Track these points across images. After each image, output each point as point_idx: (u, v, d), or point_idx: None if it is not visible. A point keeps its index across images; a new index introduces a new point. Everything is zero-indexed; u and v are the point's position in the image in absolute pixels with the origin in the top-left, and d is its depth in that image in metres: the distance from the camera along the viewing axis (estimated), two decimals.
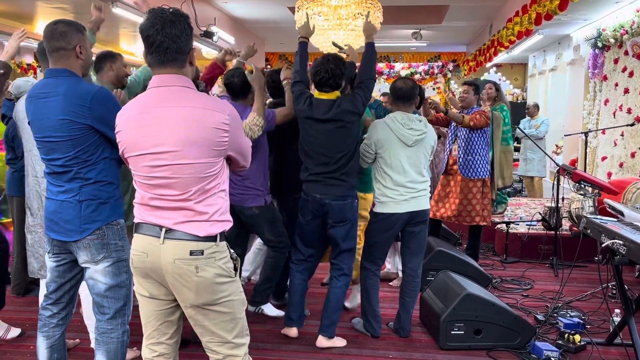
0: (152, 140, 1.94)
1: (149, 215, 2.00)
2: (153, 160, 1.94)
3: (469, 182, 4.91)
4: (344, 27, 7.68)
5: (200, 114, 1.93)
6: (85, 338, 3.37)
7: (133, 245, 2.05)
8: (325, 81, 3.35)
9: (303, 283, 3.61)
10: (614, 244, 3.08)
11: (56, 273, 2.47)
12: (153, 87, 2.00)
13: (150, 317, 2.11)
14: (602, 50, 8.26)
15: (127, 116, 2.00)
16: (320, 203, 3.38)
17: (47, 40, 2.34)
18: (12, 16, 9.13)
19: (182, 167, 1.93)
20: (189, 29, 1.98)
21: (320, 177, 3.38)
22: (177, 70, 1.98)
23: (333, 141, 3.34)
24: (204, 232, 1.96)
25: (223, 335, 2.06)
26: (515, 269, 5.34)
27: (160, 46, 1.94)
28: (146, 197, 2.00)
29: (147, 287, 2.06)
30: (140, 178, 2.01)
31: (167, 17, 1.93)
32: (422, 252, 3.69)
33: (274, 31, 11.94)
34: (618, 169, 7.65)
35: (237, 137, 2.04)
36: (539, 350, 3.33)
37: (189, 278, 1.96)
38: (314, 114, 3.34)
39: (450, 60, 15.20)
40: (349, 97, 3.39)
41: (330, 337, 3.51)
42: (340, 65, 3.37)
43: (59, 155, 2.32)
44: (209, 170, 1.96)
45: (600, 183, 4.73)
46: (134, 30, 10.18)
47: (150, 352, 2.14)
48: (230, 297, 2.04)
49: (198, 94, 2.00)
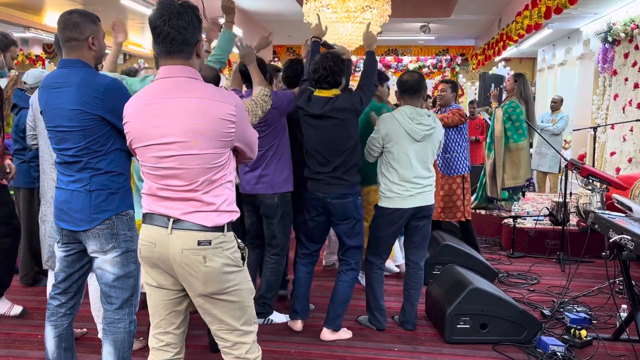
0: (159, 131, 1.95)
1: (157, 205, 2.02)
2: (160, 150, 1.95)
3: (448, 179, 5.03)
4: (352, 20, 7.66)
5: (207, 105, 1.94)
6: (93, 328, 3.40)
7: (141, 236, 2.07)
8: (324, 78, 3.35)
9: (307, 276, 3.63)
10: (622, 239, 3.07)
11: (65, 263, 2.48)
12: (160, 78, 2.01)
13: (158, 306, 2.12)
14: (612, 45, 8.19)
15: (135, 107, 2.01)
16: (323, 202, 3.40)
17: (60, 30, 2.35)
18: (22, 7, 9.17)
19: (189, 158, 1.94)
20: (196, 21, 1.99)
21: (321, 175, 3.39)
22: (183, 62, 1.99)
23: (330, 139, 3.34)
24: (211, 223, 1.98)
25: (231, 323, 2.08)
26: (521, 264, 5.33)
27: (166, 37, 1.95)
28: (154, 187, 2.01)
29: (155, 277, 2.08)
30: (147, 169, 2.02)
31: (175, 9, 1.94)
32: (425, 246, 3.70)
33: (281, 23, 11.91)
34: (627, 165, 7.60)
35: (244, 128, 2.06)
36: (545, 345, 3.33)
37: (197, 268, 1.97)
38: (310, 109, 3.36)
39: (459, 54, 15.12)
40: (346, 93, 3.39)
41: (335, 330, 3.52)
42: (339, 62, 3.37)
43: (70, 145, 2.33)
44: (215, 161, 1.97)
45: (608, 178, 4.70)
46: (141, 21, 10.19)
47: (157, 342, 2.16)
48: (238, 286, 2.06)
49: (205, 85, 2.01)
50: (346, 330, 3.58)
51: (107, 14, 4.95)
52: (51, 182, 3.20)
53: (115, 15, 3.24)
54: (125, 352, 2.48)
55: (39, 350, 3.27)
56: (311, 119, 3.37)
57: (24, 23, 9.51)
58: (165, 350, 2.15)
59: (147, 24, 1.98)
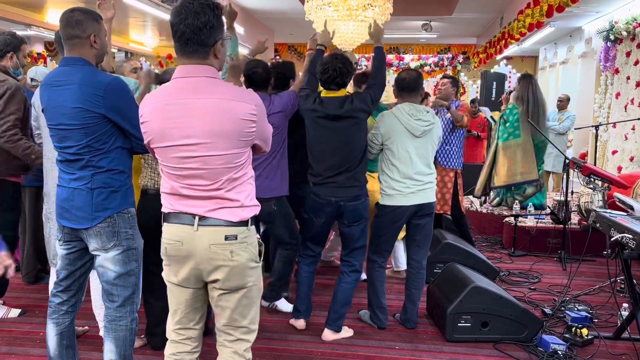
0: (181, 132, 1.95)
1: (180, 204, 2.03)
2: (183, 151, 1.96)
3: (442, 170, 5.03)
4: (353, 18, 7.64)
5: (228, 105, 1.94)
6: (94, 325, 3.41)
7: (165, 235, 2.08)
8: (333, 79, 3.34)
9: (310, 276, 3.65)
10: (623, 238, 3.07)
11: (67, 261, 2.49)
12: (178, 77, 2.00)
13: (180, 304, 2.15)
14: (614, 43, 8.18)
15: (154, 107, 2.00)
16: (336, 206, 3.37)
17: (62, 28, 2.35)
18: (23, 5, 9.17)
19: (213, 159, 1.95)
20: (215, 21, 1.95)
21: (334, 179, 3.35)
22: (200, 61, 1.98)
23: (347, 139, 3.32)
24: (237, 218, 2.00)
25: (240, 319, 2.10)
26: (523, 262, 5.33)
27: (182, 36, 1.94)
28: (176, 186, 2.02)
29: (180, 275, 2.09)
30: (169, 169, 2.02)
31: (193, 8, 1.92)
32: (427, 244, 3.70)
33: (283, 22, 11.91)
34: (628, 163, 7.59)
35: (263, 126, 2.07)
36: (546, 343, 3.33)
37: (224, 262, 2.00)
38: (327, 110, 3.32)
39: (460, 52, 15.11)
40: (360, 94, 3.40)
41: (336, 331, 3.52)
42: (347, 64, 3.37)
43: (71, 143, 2.33)
44: (237, 160, 1.99)
45: (610, 177, 4.70)
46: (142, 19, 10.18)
47: (177, 335, 2.19)
48: (255, 283, 2.09)
49: (224, 85, 2.01)
50: (347, 329, 3.59)
51: None
52: (55, 180, 3.20)
53: (116, 10, 3.26)
54: (126, 349, 2.49)
55: (40, 347, 3.28)
56: (326, 120, 3.33)
57: (26, 21, 9.51)
58: (185, 344, 2.19)
59: (148, 22, 1.98)
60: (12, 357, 3.21)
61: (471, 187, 7.62)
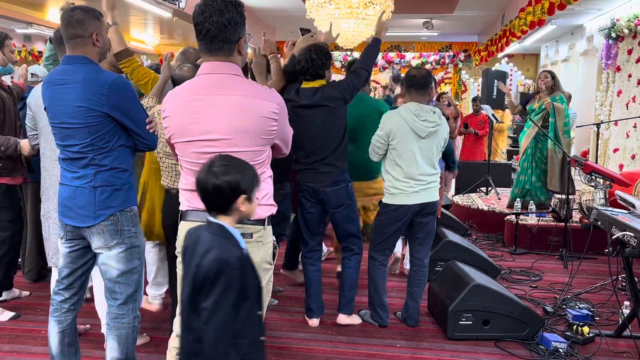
0: (202, 127, 1.96)
1: (197, 201, 2.01)
2: (203, 147, 1.97)
3: None
4: (354, 15, 7.65)
5: (251, 103, 1.95)
6: (96, 323, 3.41)
7: (181, 234, 2.08)
8: (306, 70, 3.48)
9: (317, 274, 3.68)
10: (625, 236, 3.07)
11: (69, 259, 2.49)
12: (203, 73, 2.01)
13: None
14: (615, 41, 8.16)
15: (178, 102, 2.01)
16: (316, 191, 3.47)
17: (64, 28, 2.34)
18: (24, 3, 9.16)
19: (232, 155, 1.94)
20: (238, 18, 1.98)
21: (313, 165, 3.46)
22: (225, 58, 2.00)
23: (322, 126, 3.42)
24: (255, 216, 1.99)
25: None
26: (524, 260, 5.33)
27: (207, 34, 1.96)
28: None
29: None
30: (188, 164, 2.03)
31: (217, 6, 1.94)
32: (430, 243, 3.70)
33: (284, 20, 11.89)
34: (630, 161, 7.58)
35: (284, 125, 2.08)
36: (547, 341, 3.33)
37: None
38: (300, 100, 3.44)
39: (462, 50, 15.07)
40: (334, 83, 3.52)
41: (349, 314, 3.68)
42: (322, 55, 3.47)
43: (74, 141, 2.34)
44: (257, 158, 2.00)
45: (611, 175, 4.69)
46: (143, 18, 10.18)
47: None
48: (264, 285, 2.06)
49: (248, 82, 2.03)
50: (357, 316, 3.72)
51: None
52: (53, 178, 3.20)
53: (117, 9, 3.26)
54: (129, 347, 2.50)
55: (42, 345, 3.28)
56: (301, 109, 3.44)
57: (27, 19, 9.51)
58: None
59: (149, 21, 1.99)
60: (14, 355, 3.22)
61: (472, 186, 7.64)
